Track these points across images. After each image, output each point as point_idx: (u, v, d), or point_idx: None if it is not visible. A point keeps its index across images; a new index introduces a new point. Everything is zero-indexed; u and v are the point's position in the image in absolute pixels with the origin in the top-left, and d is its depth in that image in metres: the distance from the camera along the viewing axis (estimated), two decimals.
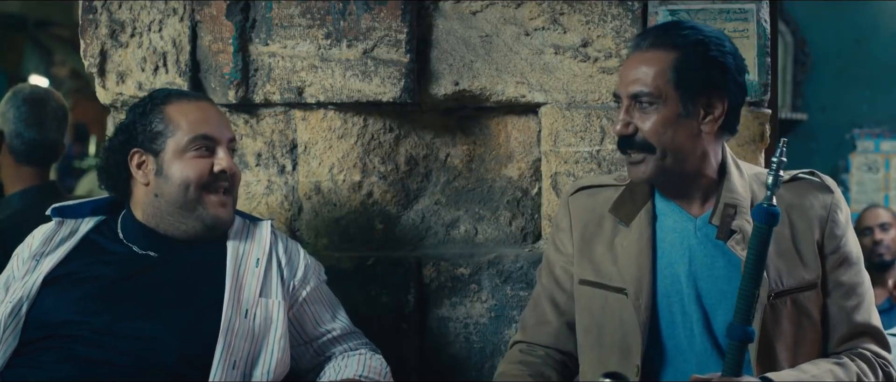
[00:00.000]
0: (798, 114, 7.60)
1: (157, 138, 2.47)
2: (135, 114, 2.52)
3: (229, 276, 2.46)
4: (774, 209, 2.12)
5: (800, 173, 2.39)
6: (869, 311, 2.35)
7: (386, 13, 2.87)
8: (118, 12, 2.91)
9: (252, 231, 2.59)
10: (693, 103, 2.26)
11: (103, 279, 2.44)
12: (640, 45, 2.31)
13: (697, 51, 2.26)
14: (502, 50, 2.90)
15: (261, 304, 2.47)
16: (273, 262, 2.56)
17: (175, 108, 2.49)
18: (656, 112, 2.26)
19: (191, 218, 2.49)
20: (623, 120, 2.29)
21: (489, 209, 3.00)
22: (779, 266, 2.28)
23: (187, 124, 2.48)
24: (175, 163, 2.46)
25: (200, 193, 2.47)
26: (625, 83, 2.30)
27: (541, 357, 2.44)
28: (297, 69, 2.89)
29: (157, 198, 2.49)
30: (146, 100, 2.53)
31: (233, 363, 2.37)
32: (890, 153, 7.62)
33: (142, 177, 2.49)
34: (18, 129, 3.36)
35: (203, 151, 2.48)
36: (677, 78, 2.25)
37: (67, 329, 2.36)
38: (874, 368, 2.29)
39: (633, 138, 2.28)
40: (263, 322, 2.45)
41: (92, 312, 2.37)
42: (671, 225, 2.34)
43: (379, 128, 2.97)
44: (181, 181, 2.46)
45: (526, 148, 2.98)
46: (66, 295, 2.41)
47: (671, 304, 2.31)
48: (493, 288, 2.92)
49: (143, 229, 2.51)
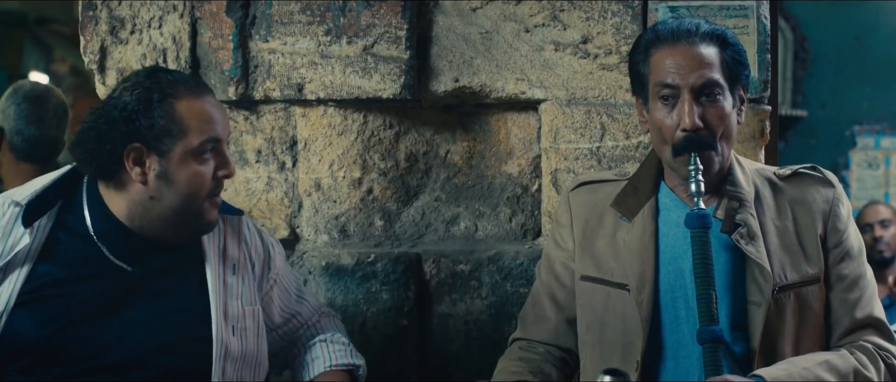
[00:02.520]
0: (798, 111, 7.60)
1: (164, 137, 2.23)
2: (137, 103, 2.23)
3: (213, 292, 2.34)
4: (705, 211, 2.20)
5: (801, 168, 2.40)
6: (871, 304, 2.35)
7: (386, 10, 2.87)
8: (118, 9, 2.91)
9: (223, 227, 2.44)
10: (734, 95, 2.30)
11: (79, 294, 2.26)
12: (683, 40, 2.26)
13: (732, 45, 2.29)
14: (502, 46, 2.89)
15: (246, 315, 2.39)
16: (249, 264, 2.47)
17: (184, 105, 2.25)
18: (721, 104, 2.26)
19: (183, 226, 2.31)
20: (695, 112, 2.23)
21: (489, 205, 3.00)
22: (782, 260, 2.28)
23: (198, 125, 2.26)
24: (181, 169, 2.25)
25: (203, 202, 2.30)
26: (684, 73, 2.24)
27: (540, 354, 2.44)
28: (297, 66, 2.89)
29: (152, 201, 2.27)
30: (148, 86, 2.25)
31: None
32: (890, 150, 7.62)
33: (138, 176, 2.25)
34: (18, 126, 3.36)
35: (209, 154, 2.28)
36: (727, 72, 2.27)
37: (44, 350, 2.22)
38: (875, 360, 2.27)
39: (699, 134, 2.24)
40: (251, 332, 2.40)
41: (70, 334, 2.23)
42: (675, 219, 2.34)
43: (379, 124, 2.97)
44: (188, 191, 2.26)
45: (526, 144, 2.98)
46: (40, 313, 2.23)
47: (675, 299, 2.31)
48: (493, 285, 2.92)
49: (122, 231, 2.29)
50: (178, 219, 2.29)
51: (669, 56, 2.27)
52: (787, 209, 2.33)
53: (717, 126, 2.25)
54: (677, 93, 2.25)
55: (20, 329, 2.23)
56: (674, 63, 2.26)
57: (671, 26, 2.32)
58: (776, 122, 2.97)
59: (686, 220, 2.22)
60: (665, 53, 2.28)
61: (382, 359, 2.93)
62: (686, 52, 2.26)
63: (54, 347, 2.23)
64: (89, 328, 2.25)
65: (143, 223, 2.29)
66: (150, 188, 2.26)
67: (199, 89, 2.32)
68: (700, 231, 2.19)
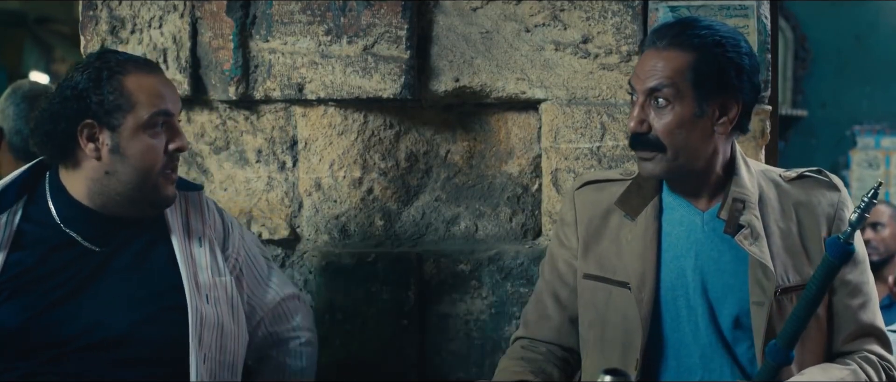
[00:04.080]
0: (798, 111, 7.61)
1: (114, 112, 2.30)
2: (87, 82, 2.31)
3: (182, 263, 2.40)
4: (851, 247, 2.07)
5: (806, 171, 2.39)
6: (874, 311, 2.35)
7: (386, 10, 2.87)
8: (118, 9, 2.91)
9: (184, 203, 2.49)
10: (708, 104, 2.24)
11: (52, 280, 2.32)
12: (657, 44, 2.26)
13: (715, 52, 2.23)
14: (503, 46, 2.89)
15: (217, 285, 2.44)
16: (213, 237, 2.51)
17: (133, 81, 2.32)
18: (671, 111, 2.23)
19: (142, 201, 2.36)
20: (637, 116, 2.25)
21: (489, 205, 3.00)
22: (786, 262, 2.28)
23: (147, 98, 2.32)
24: (133, 142, 2.31)
25: (158, 177, 2.35)
26: (641, 77, 2.26)
27: (542, 354, 2.44)
28: (297, 65, 2.89)
29: (107, 176, 2.33)
30: (98, 66, 2.33)
31: (203, 356, 2.36)
32: (890, 149, 7.62)
33: (92, 152, 2.31)
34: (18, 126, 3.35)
35: (160, 128, 2.34)
36: (695, 78, 2.22)
37: (24, 338, 2.28)
38: (878, 371, 2.29)
39: (646, 136, 2.25)
40: (223, 301, 2.44)
41: (47, 318, 2.28)
42: (678, 218, 2.34)
43: (379, 124, 2.97)
44: (141, 165, 2.32)
45: (526, 144, 2.98)
46: (17, 302, 2.29)
47: (676, 298, 2.31)
48: (494, 285, 2.92)
49: (85, 213, 2.36)
50: (136, 193, 2.35)
51: (642, 58, 2.30)
52: (792, 211, 2.33)
53: (663, 134, 2.24)
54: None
55: (1, 319, 2.28)
56: (640, 66, 2.29)
57: (655, 28, 2.35)
58: (776, 122, 2.97)
59: (828, 242, 2.09)
60: (643, 55, 2.31)
61: (383, 359, 2.93)
62: (650, 55, 2.27)
63: (33, 334, 2.28)
64: (65, 310, 2.31)
65: (103, 200, 2.36)
66: (105, 163, 2.33)
67: (149, 67, 2.41)
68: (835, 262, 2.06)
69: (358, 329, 2.93)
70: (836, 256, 2.05)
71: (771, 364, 2.10)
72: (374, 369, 2.94)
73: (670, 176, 2.31)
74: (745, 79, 2.26)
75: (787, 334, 2.08)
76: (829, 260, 2.06)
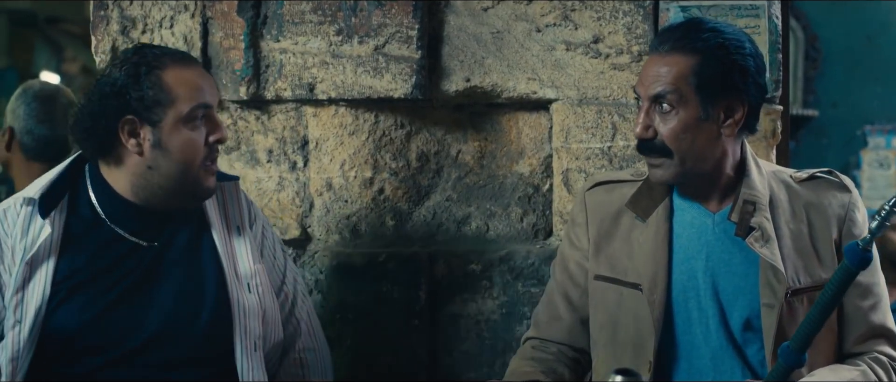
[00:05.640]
0: (809, 111, 7.58)
1: (154, 107, 2.30)
2: (126, 78, 2.31)
3: (223, 254, 2.41)
4: (869, 255, 2.04)
5: (817, 172, 2.39)
6: (885, 312, 2.35)
7: (397, 9, 2.87)
8: (129, 9, 2.92)
9: (222, 193, 2.50)
10: (713, 107, 2.24)
11: (107, 279, 2.33)
12: (660, 48, 2.27)
13: (718, 54, 2.23)
14: (514, 46, 2.89)
15: (257, 272, 2.46)
16: (248, 225, 2.52)
17: (171, 75, 2.31)
18: (676, 116, 2.23)
19: (184, 193, 2.37)
20: (643, 122, 2.26)
21: (500, 205, 3.00)
22: (796, 264, 2.27)
23: (186, 92, 2.32)
24: (174, 136, 2.31)
25: (199, 169, 2.35)
26: (645, 84, 2.26)
27: (553, 354, 2.43)
28: (308, 65, 2.89)
29: (150, 171, 2.33)
30: (136, 61, 2.33)
31: (253, 343, 2.38)
32: None
33: (134, 147, 2.31)
34: (29, 126, 3.37)
35: (200, 121, 2.34)
36: (698, 82, 2.22)
37: (86, 340, 2.30)
38: (888, 372, 2.29)
39: (652, 142, 2.26)
40: (265, 288, 2.46)
41: (107, 319, 2.31)
42: (689, 220, 2.34)
43: (390, 124, 2.97)
44: (183, 158, 2.32)
45: (537, 144, 2.97)
46: (76, 303, 2.31)
47: (687, 300, 2.30)
48: (505, 285, 2.92)
49: (130, 208, 2.36)
50: (178, 186, 2.35)
51: (646, 64, 2.31)
52: (803, 213, 2.32)
53: (669, 139, 2.24)
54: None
55: (61, 322, 2.30)
56: (644, 71, 2.29)
57: (661, 31, 2.37)
58: (787, 122, 2.96)
59: (846, 249, 2.05)
60: (647, 61, 2.31)
61: (393, 359, 2.93)
62: (653, 61, 2.28)
63: (95, 335, 2.30)
64: (124, 309, 2.33)
65: (146, 195, 2.36)
66: (147, 158, 2.33)
67: (186, 60, 2.40)
68: (852, 268, 2.04)
69: (369, 329, 2.93)
70: (854, 263, 2.03)
71: (783, 367, 2.09)
72: (384, 369, 2.94)
73: (680, 180, 2.31)
74: (750, 80, 2.26)
75: (799, 337, 2.07)
76: (846, 267, 2.04)
